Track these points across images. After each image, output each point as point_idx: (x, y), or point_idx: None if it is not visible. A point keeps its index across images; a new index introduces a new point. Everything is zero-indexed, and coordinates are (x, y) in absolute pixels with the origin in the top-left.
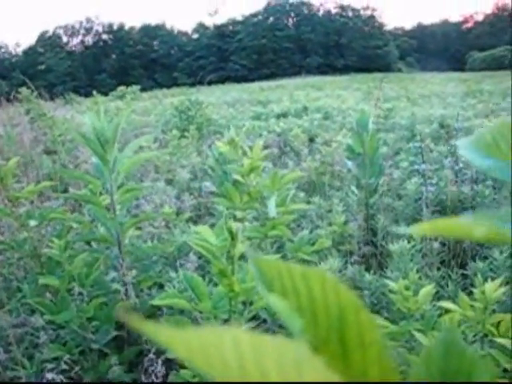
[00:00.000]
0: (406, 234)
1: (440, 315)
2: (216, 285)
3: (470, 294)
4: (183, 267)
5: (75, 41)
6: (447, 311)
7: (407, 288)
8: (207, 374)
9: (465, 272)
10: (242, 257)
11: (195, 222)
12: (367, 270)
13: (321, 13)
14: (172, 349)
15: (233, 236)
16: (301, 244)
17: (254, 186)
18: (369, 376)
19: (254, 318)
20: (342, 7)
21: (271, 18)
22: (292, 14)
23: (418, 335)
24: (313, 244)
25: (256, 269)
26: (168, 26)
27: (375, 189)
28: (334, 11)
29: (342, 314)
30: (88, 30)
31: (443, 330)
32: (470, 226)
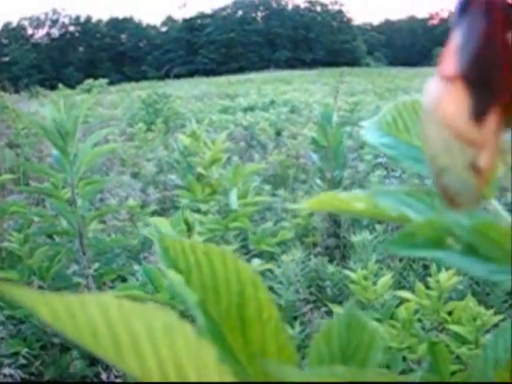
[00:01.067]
0: (369, 225)
1: (400, 304)
2: None
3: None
4: (146, 260)
5: (41, 33)
6: (407, 300)
7: (366, 278)
8: (77, 341)
9: (426, 263)
10: None
11: (160, 215)
12: (330, 261)
13: (289, 7)
14: (39, 315)
15: (189, 227)
16: (263, 236)
17: (215, 178)
18: (267, 351)
19: None
20: (311, 2)
21: (240, 12)
22: (261, 8)
23: (374, 324)
24: (276, 236)
25: (160, 246)
26: (136, 20)
27: (339, 181)
28: (302, 6)
29: (241, 289)
30: (54, 22)
31: (345, 308)
32: (351, 200)
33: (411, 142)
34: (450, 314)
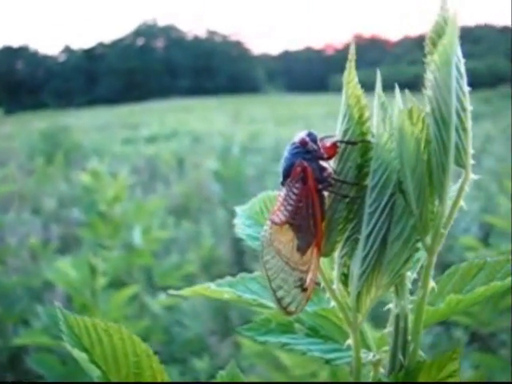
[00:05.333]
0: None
1: None
2: None
3: None
4: (50, 301)
5: None
6: None
7: None
8: None
9: None
10: (109, 287)
11: (63, 253)
12: None
13: (189, 37)
14: None
15: (93, 269)
16: (168, 270)
17: (118, 214)
18: None
19: None
20: (211, 32)
21: (140, 42)
22: (161, 38)
23: (279, 353)
24: (181, 269)
25: (65, 325)
26: (32, 49)
27: None
28: (202, 36)
29: (138, 361)
30: None
31: (227, 367)
32: (220, 292)
33: None
34: None
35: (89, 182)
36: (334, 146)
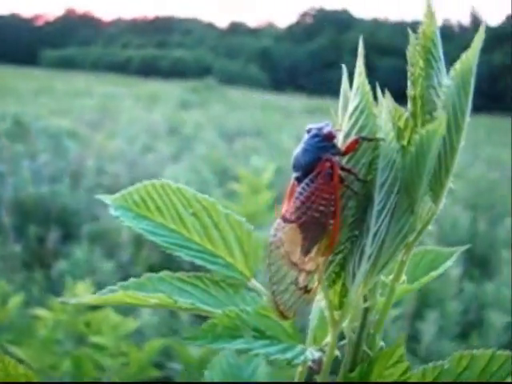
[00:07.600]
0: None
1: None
2: None
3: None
4: None
5: None
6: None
7: None
8: None
9: (49, 273)
10: None
11: None
12: None
13: None
14: None
15: None
16: None
17: None
18: None
19: None
20: None
21: None
22: None
23: (11, 347)
24: None
25: None
26: None
27: None
28: None
29: None
30: None
31: None
32: (145, 298)
33: (168, 225)
34: (89, 325)
35: None
36: (356, 142)
